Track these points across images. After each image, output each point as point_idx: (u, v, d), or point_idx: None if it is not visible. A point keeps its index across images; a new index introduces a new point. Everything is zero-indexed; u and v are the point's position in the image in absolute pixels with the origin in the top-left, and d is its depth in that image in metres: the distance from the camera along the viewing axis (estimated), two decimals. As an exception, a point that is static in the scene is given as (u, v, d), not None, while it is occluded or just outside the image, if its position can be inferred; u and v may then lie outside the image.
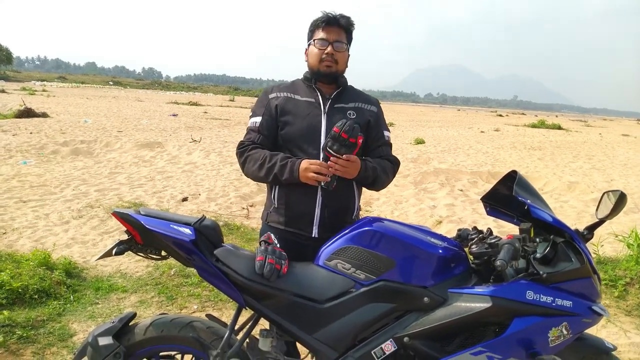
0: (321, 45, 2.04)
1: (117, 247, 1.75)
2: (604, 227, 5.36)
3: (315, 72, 2.08)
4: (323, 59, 2.04)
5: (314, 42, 2.07)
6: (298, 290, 1.70)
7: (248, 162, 2.05)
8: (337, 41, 2.04)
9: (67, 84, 63.65)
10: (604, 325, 3.31)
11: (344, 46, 2.07)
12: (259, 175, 2.01)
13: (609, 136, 25.15)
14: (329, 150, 1.81)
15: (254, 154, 2.04)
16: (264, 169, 1.98)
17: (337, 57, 2.04)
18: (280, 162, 1.96)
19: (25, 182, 6.89)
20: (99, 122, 15.39)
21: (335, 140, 1.80)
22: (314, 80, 2.11)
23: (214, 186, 7.21)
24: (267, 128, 2.09)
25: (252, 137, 2.11)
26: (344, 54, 2.08)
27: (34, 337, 2.85)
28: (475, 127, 27.70)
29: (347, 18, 2.07)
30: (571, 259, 1.65)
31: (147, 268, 4.03)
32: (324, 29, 2.05)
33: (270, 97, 2.13)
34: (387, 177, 2.12)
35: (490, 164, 11.13)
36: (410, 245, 1.71)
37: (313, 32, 2.09)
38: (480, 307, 1.58)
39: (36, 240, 4.57)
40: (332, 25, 2.04)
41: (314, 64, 2.07)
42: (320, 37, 2.04)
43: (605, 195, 1.82)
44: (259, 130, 2.09)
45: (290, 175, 1.92)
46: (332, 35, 2.04)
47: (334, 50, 2.03)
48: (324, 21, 2.04)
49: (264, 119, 2.09)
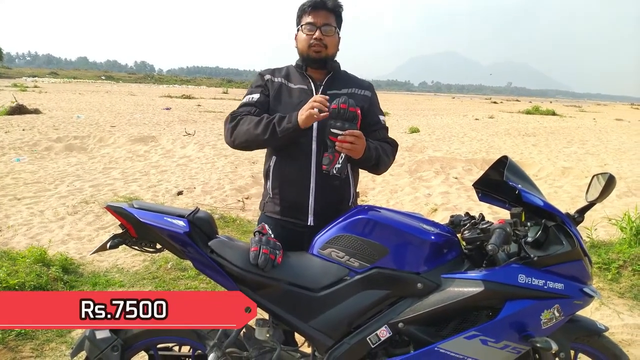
0: (309, 30, 2.01)
1: (112, 241, 1.76)
2: (597, 211, 5.40)
3: (305, 58, 2.06)
4: (312, 44, 2.01)
5: (301, 27, 2.04)
6: (293, 279, 1.72)
7: (242, 123, 1.98)
8: (326, 24, 2.01)
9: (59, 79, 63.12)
10: (597, 308, 3.35)
11: (333, 29, 2.04)
12: (254, 133, 1.92)
13: (603, 121, 25.23)
14: (333, 130, 1.77)
15: (250, 117, 1.99)
16: (262, 124, 1.91)
17: (326, 42, 2.01)
18: (280, 116, 1.92)
19: (19, 180, 6.87)
20: (92, 118, 15.29)
21: (336, 117, 1.78)
22: (305, 67, 2.09)
23: (209, 179, 7.21)
24: (263, 104, 2.06)
25: (247, 109, 2.05)
26: (333, 37, 2.04)
27: (32, 333, 2.86)
28: (469, 114, 27.71)
29: (335, 0, 2.03)
30: (562, 242, 1.67)
31: (143, 262, 4.04)
32: (311, 13, 2.01)
33: (266, 79, 2.11)
34: (389, 159, 2.09)
35: (485, 151, 11.16)
36: (402, 232, 1.72)
37: (300, 17, 2.06)
38: (472, 292, 1.60)
39: (32, 237, 4.57)
40: (319, 9, 2.01)
41: (304, 50, 2.05)
42: (307, 22, 2.02)
43: (594, 178, 1.83)
44: (256, 104, 2.06)
45: (288, 122, 1.87)
46: (319, 19, 2.00)
47: (322, 34, 2.00)
48: (310, 5, 2.01)
49: (261, 96, 2.07)
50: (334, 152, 1.82)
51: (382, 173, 2.16)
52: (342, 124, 1.78)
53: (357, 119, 1.81)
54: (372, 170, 2.11)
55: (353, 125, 1.80)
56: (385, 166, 2.09)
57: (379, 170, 2.10)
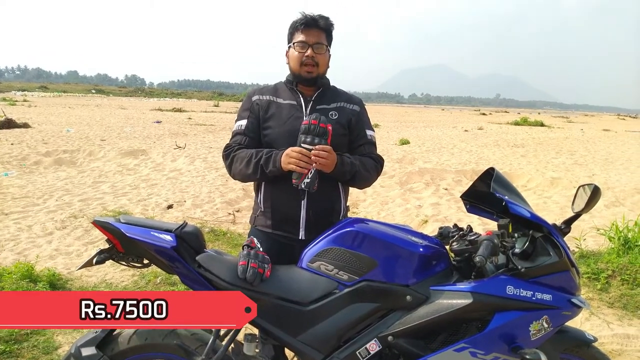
0: (301, 48, 2.04)
1: (98, 256, 1.74)
2: (585, 221, 5.42)
3: (297, 76, 2.08)
4: (304, 62, 2.03)
5: (293, 45, 2.06)
6: (281, 293, 1.71)
7: (235, 161, 2.06)
8: (317, 43, 2.04)
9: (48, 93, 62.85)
10: (587, 318, 3.36)
11: (324, 47, 2.07)
12: (247, 173, 2.01)
13: (591, 132, 25.57)
14: (304, 145, 1.85)
15: (240, 154, 2.05)
16: (252, 165, 1.98)
17: (317, 60, 2.04)
18: (266, 155, 1.97)
19: (7, 194, 6.79)
20: (81, 131, 15.21)
21: (306, 133, 1.85)
22: (295, 82, 2.11)
23: (200, 192, 7.17)
24: (252, 130, 2.11)
25: (238, 139, 2.12)
26: (324, 55, 2.07)
27: (17, 351, 2.81)
28: (459, 126, 27.94)
29: (326, 19, 2.06)
30: (549, 253, 1.68)
31: (132, 277, 4.00)
32: (303, 31, 2.04)
33: (253, 100, 2.14)
34: (369, 174, 2.10)
35: (475, 162, 11.24)
36: (391, 245, 1.72)
37: (292, 34, 2.08)
38: (461, 304, 1.60)
39: (19, 252, 4.50)
40: (311, 28, 2.04)
41: (295, 68, 2.07)
42: (299, 40, 2.04)
43: (580, 189, 1.85)
44: (245, 132, 2.11)
45: (273, 166, 1.93)
46: (311, 38, 2.03)
47: (314, 53, 2.03)
48: (302, 23, 2.03)
49: (249, 121, 2.11)
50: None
51: (363, 188, 2.19)
52: (312, 139, 1.84)
53: (327, 134, 1.86)
54: (350, 184, 2.14)
55: (323, 141, 1.85)
56: (365, 181, 2.11)
57: (357, 185, 2.12)
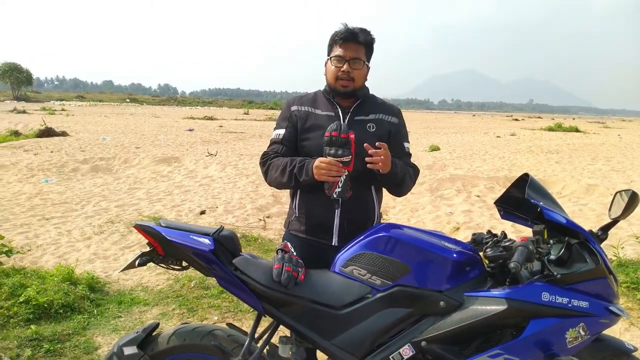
0: (338, 63, 2.03)
1: (140, 259, 1.81)
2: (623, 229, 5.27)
3: (333, 89, 2.09)
4: (339, 77, 2.02)
5: (330, 59, 2.06)
6: (315, 296, 1.73)
7: (271, 169, 2.09)
8: (355, 58, 2.01)
9: (85, 102, 64.90)
10: (627, 328, 3.26)
11: (362, 63, 2.04)
12: (282, 181, 2.04)
13: (628, 137, 24.71)
14: (328, 157, 1.87)
15: (276, 162, 2.08)
16: (286, 174, 2.01)
17: (353, 75, 2.02)
18: (299, 164, 1.99)
19: (48, 200, 7.06)
20: (117, 139, 15.68)
21: (329, 145, 1.86)
22: (332, 95, 2.12)
23: (231, 199, 7.29)
24: (289, 140, 2.14)
25: (275, 148, 2.15)
26: (360, 71, 2.05)
27: (61, 350, 2.93)
28: (491, 132, 27.48)
29: (367, 33, 2.04)
30: (586, 259, 1.65)
31: (167, 281, 4.10)
32: (341, 45, 2.01)
33: (292, 110, 2.16)
34: (411, 180, 2.13)
35: (507, 169, 11.04)
36: (424, 250, 1.73)
37: (332, 46, 2.07)
38: (496, 310, 1.59)
39: (59, 256, 4.68)
40: (350, 42, 2.01)
41: (331, 81, 2.07)
42: (337, 54, 2.03)
43: (617, 195, 1.82)
44: (282, 142, 2.14)
45: (306, 175, 1.95)
46: (349, 52, 2.01)
47: (350, 68, 2.01)
48: (342, 38, 2.01)
49: (287, 131, 2.14)
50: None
51: (402, 195, 2.19)
52: (336, 150, 1.85)
53: (349, 144, 1.86)
54: (394, 189, 2.14)
55: (347, 151, 1.86)
56: (407, 187, 2.13)
57: (402, 190, 2.13)
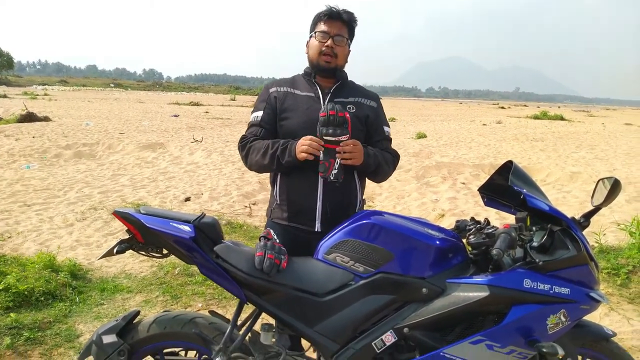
0: (322, 38, 2.05)
1: (119, 246, 1.77)
2: (605, 216, 5.35)
3: (315, 66, 2.10)
4: (323, 52, 2.05)
5: (315, 34, 2.08)
6: (298, 284, 1.72)
7: (251, 152, 2.07)
8: (338, 35, 2.05)
9: (68, 87, 63.82)
10: (606, 313, 3.32)
11: (345, 40, 2.08)
12: (263, 164, 2.03)
13: (612, 125, 25.05)
14: (325, 137, 1.85)
15: (256, 145, 2.06)
16: (268, 156, 2.00)
17: (336, 51, 2.05)
18: (282, 146, 1.98)
19: (29, 186, 6.94)
20: (100, 125, 15.43)
21: (326, 124, 1.84)
22: (313, 74, 2.12)
23: (217, 185, 7.24)
24: (268, 122, 2.12)
25: (253, 130, 2.13)
26: (344, 48, 2.08)
27: (41, 338, 2.88)
28: (477, 120, 27.64)
29: (350, 14, 2.09)
30: (568, 246, 1.66)
31: (151, 268, 4.06)
32: (325, 22, 2.06)
33: (270, 91, 2.15)
34: (388, 168, 2.14)
35: (493, 157, 11.12)
36: (407, 237, 1.72)
37: (315, 24, 2.10)
38: (478, 297, 1.60)
39: (41, 243, 4.61)
40: (334, 19, 2.06)
41: (314, 57, 2.08)
42: (321, 30, 2.06)
43: (600, 183, 1.82)
44: (260, 124, 2.12)
45: (289, 156, 1.94)
46: (333, 29, 2.04)
47: (334, 43, 2.04)
48: (326, 14, 2.06)
49: (265, 112, 2.12)
50: (329, 159, 1.88)
51: (380, 182, 2.22)
52: (334, 130, 1.84)
53: (347, 122, 1.87)
54: (370, 178, 2.16)
55: (345, 130, 1.86)
56: (384, 175, 2.14)
57: (377, 178, 2.15)
